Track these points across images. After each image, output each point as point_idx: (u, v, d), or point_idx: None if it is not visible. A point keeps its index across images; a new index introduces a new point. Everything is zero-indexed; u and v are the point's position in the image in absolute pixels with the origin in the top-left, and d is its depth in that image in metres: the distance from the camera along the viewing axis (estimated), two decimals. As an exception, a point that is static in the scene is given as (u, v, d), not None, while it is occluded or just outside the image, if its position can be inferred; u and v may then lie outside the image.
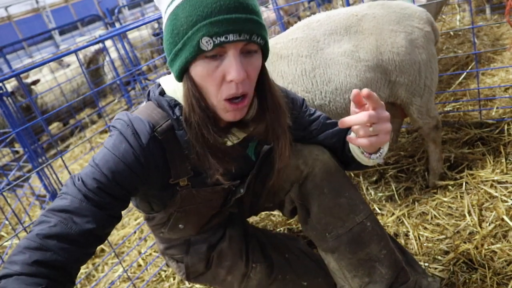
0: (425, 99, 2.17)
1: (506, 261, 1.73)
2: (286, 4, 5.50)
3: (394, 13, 2.08)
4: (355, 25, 2.07)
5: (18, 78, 3.89)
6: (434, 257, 1.89)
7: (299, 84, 2.09)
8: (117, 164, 1.11)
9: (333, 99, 2.08)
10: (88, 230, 1.05)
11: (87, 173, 1.11)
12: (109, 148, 1.14)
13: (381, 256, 1.39)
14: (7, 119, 3.82)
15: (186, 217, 1.43)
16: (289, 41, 2.14)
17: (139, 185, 1.18)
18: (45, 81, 6.21)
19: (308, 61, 2.08)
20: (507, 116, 2.65)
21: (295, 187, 1.44)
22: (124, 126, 1.16)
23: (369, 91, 1.02)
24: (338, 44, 2.07)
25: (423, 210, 2.19)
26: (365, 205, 1.42)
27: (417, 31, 2.07)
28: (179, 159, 1.24)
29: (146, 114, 1.21)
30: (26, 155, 3.97)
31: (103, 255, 2.89)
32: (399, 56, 2.04)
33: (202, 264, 1.54)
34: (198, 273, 1.57)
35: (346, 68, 2.04)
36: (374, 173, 2.60)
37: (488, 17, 4.56)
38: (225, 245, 1.55)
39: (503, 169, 2.24)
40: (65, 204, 1.05)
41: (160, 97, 1.23)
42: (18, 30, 18.16)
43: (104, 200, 1.09)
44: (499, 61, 3.56)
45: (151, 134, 1.17)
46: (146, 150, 1.15)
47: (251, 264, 1.53)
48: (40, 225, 1.02)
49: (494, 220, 1.95)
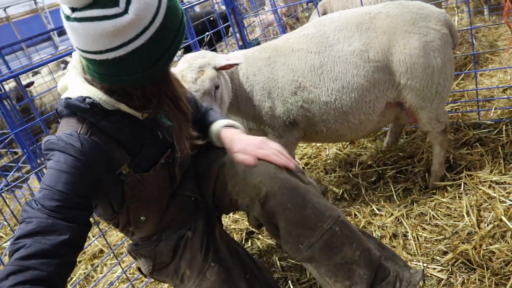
0: (435, 106, 2.09)
1: (505, 261, 1.74)
2: (285, 5, 5.51)
3: (409, 13, 2.00)
4: (367, 22, 2.02)
5: (17, 79, 3.89)
6: (432, 257, 1.90)
7: (307, 79, 2.10)
8: (67, 177, 1.16)
9: (339, 97, 2.07)
10: (63, 241, 1.09)
11: (42, 197, 1.13)
12: (52, 167, 1.18)
13: (356, 257, 1.43)
14: (6, 120, 3.82)
15: (143, 206, 1.48)
16: (301, 37, 2.17)
17: (94, 188, 1.23)
18: (44, 82, 6.19)
19: (316, 57, 2.08)
20: (505, 117, 2.66)
21: (256, 205, 1.48)
22: (55, 143, 1.21)
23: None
24: (348, 41, 2.04)
25: (422, 211, 2.19)
26: (331, 211, 1.47)
27: (433, 33, 1.97)
28: (114, 148, 1.30)
29: (64, 129, 1.27)
30: (25, 156, 3.97)
31: (102, 256, 2.88)
32: (412, 59, 1.96)
33: (170, 254, 1.59)
34: (163, 264, 1.61)
35: (354, 67, 2.01)
36: (373, 173, 2.60)
37: (486, 18, 4.58)
38: (190, 235, 1.60)
39: (501, 169, 2.24)
40: (33, 227, 1.08)
41: (67, 101, 1.27)
42: (17, 31, 18.13)
43: (67, 215, 1.13)
44: (497, 62, 3.57)
45: (79, 137, 1.23)
46: (84, 152, 1.20)
47: (210, 262, 1.56)
48: (16, 252, 1.04)
49: (492, 221, 1.96)
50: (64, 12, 1.07)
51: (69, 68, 1.37)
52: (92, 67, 1.17)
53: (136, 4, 1.04)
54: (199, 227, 1.64)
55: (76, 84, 1.30)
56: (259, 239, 2.41)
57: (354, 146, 3.02)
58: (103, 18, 1.03)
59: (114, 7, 1.03)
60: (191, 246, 1.59)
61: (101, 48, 1.07)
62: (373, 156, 2.78)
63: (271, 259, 2.21)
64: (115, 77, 1.16)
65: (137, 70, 1.13)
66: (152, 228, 1.58)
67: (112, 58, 1.09)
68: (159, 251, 1.59)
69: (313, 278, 1.98)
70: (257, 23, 6.01)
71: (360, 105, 2.11)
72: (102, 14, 1.03)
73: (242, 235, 2.48)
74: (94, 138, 1.25)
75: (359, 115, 2.15)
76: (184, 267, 1.58)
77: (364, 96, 2.08)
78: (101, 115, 1.27)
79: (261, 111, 2.21)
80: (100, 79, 1.20)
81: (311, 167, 2.98)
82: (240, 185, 1.53)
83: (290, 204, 1.44)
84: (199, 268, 1.56)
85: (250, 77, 2.21)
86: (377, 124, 2.25)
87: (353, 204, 2.43)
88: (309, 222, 1.43)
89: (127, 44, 1.07)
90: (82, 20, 1.04)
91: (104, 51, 1.07)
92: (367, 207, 2.36)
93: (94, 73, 1.19)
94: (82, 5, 1.04)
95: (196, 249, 1.58)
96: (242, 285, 1.56)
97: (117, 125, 1.30)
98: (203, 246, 1.59)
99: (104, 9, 1.03)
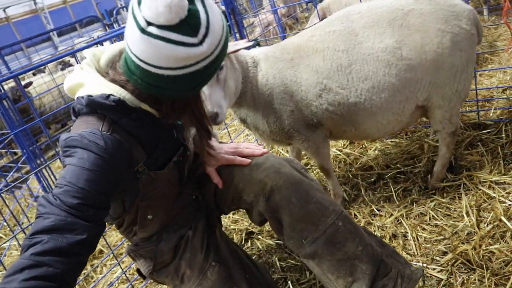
0: (452, 105, 2.07)
1: (504, 262, 1.74)
2: (284, 6, 5.51)
3: (442, 10, 1.95)
4: (400, 19, 1.95)
5: (16, 80, 3.89)
6: (432, 257, 1.90)
7: (334, 79, 2.00)
8: (89, 174, 1.15)
9: (369, 98, 1.99)
10: (80, 240, 1.08)
11: (62, 193, 1.12)
12: (74, 164, 1.16)
13: (358, 252, 1.45)
14: (5, 120, 3.81)
15: (152, 205, 1.49)
16: (325, 34, 2.05)
17: (115, 186, 1.23)
18: (44, 82, 6.20)
19: (344, 56, 1.98)
20: (505, 117, 2.66)
21: (261, 200, 1.51)
22: (78, 140, 1.20)
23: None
24: (379, 38, 1.95)
25: (422, 211, 2.19)
26: (334, 206, 1.50)
27: (463, 32, 1.94)
28: (133, 145, 1.31)
29: (83, 127, 1.26)
30: (25, 157, 3.97)
31: (101, 256, 2.88)
32: (442, 57, 1.93)
33: (170, 254, 1.59)
34: (164, 264, 1.61)
35: (386, 66, 1.94)
36: (373, 174, 2.60)
37: (485, 18, 4.58)
38: (191, 234, 1.61)
39: (501, 170, 2.24)
40: (50, 223, 1.07)
41: (90, 98, 1.26)
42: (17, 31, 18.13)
43: (87, 213, 1.12)
44: (497, 62, 3.57)
45: (102, 135, 1.22)
46: (107, 150, 1.20)
47: (210, 261, 1.56)
48: (32, 247, 1.04)
49: (492, 221, 1.96)
50: (140, 23, 1.08)
51: (83, 66, 1.37)
52: (140, 74, 1.17)
53: (211, 39, 1.11)
54: (199, 226, 1.64)
55: (95, 82, 1.30)
56: (258, 240, 2.41)
57: (354, 146, 3.02)
58: (180, 44, 1.07)
59: (193, 37, 1.08)
60: (192, 246, 1.59)
61: (163, 65, 1.11)
62: (372, 157, 2.78)
63: (271, 260, 2.21)
64: (159, 88, 1.18)
65: (183, 88, 1.19)
66: (156, 227, 1.58)
67: (167, 75, 1.13)
68: (160, 251, 1.59)
69: (313, 279, 1.98)
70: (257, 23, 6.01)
71: (391, 105, 2.03)
72: (180, 40, 1.07)
73: (242, 235, 2.48)
74: (116, 135, 1.25)
75: (388, 116, 2.07)
76: (185, 267, 1.58)
77: (395, 96, 2.00)
78: (123, 112, 1.28)
79: (283, 114, 2.10)
80: (142, 86, 1.21)
81: (311, 167, 2.98)
82: (244, 181, 1.56)
83: (295, 198, 1.46)
84: (199, 268, 1.56)
85: (270, 79, 2.08)
86: (405, 124, 2.21)
87: (353, 205, 2.43)
88: (313, 217, 1.46)
89: (187, 68, 1.12)
90: (158, 38, 1.07)
91: (164, 68, 1.12)
92: (367, 208, 2.36)
93: (137, 79, 1.19)
94: (166, 24, 1.06)
95: (197, 249, 1.59)
96: (242, 284, 1.56)
97: (138, 123, 1.31)
98: (204, 245, 1.60)
99: (183, 36, 1.07)
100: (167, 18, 1.05)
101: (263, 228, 2.48)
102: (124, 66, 1.24)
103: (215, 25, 1.12)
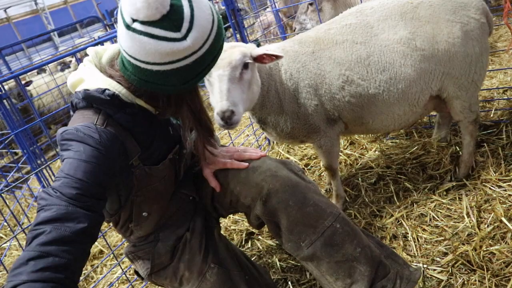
0: (469, 95, 2.11)
1: (505, 263, 1.73)
2: (285, 6, 5.52)
3: (450, 1, 2.02)
4: (411, 11, 2.02)
5: (17, 80, 3.89)
6: (432, 258, 1.89)
7: (355, 71, 2.04)
8: (86, 166, 1.17)
9: (387, 89, 2.04)
10: (82, 228, 1.10)
11: (61, 185, 1.14)
12: (71, 157, 1.19)
13: (357, 254, 1.45)
14: (6, 120, 3.82)
15: (147, 201, 1.50)
16: (342, 27, 2.10)
17: (111, 177, 1.25)
18: (44, 82, 6.20)
19: (363, 47, 2.03)
20: (505, 118, 2.66)
21: (258, 204, 1.51)
22: (74, 133, 1.22)
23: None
24: (394, 30, 2.02)
25: (422, 212, 2.19)
26: (332, 208, 1.50)
27: (473, 22, 2.00)
28: (127, 139, 1.34)
29: (79, 121, 1.29)
30: (25, 157, 3.97)
31: (101, 256, 2.88)
32: (454, 48, 1.98)
33: (168, 255, 1.60)
34: (162, 265, 1.61)
35: (402, 56, 1.99)
36: (373, 175, 2.60)
37: (486, 19, 4.57)
38: (189, 236, 1.61)
39: (502, 171, 2.24)
40: (52, 214, 1.08)
41: (86, 92, 1.29)
42: (17, 32, 18.15)
43: (87, 203, 1.14)
44: (497, 63, 3.57)
45: (97, 128, 1.25)
46: (102, 142, 1.22)
47: (209, 263, 1.56)
48: (36, 238, 1.05)
49: (492, 222, 1.95)
50: (125, 20, 1.11)
51: (85, 62, 1.40)
52: (132, 69, 1.20)
53: (195, 33, 1.11)
54: (197, 228, 1.64)
55: (95, 77, 1.33)
56: (259, 240, 2.41)
57: (354, 147, 3.01)
58: (163, 39, 1.09)
59: (176, 32, 1.09)
60: (190, 248, 1.59)
61: (149, 60, 1.13)
62: (373, 157, 2.78)
63: (271, 260, 2.21)
64: (151, 83, 1.21)
65: (174, 83, 1.20)
66: (152, 226, 1.58)
67: (155, 70, 1.15)
68: (157, 252, 1.59)
69: (313, 279, 1.97)
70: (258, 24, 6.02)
71: (407, 96, 2.08)
72: (163, 35, 1.09)
73: (242, 236, 2.48)
74: (110, 129, 1.28)
75: (404, 107, 2.12)
76: (183, 269, 1.58)
77: (411, 87, 2.06)
78: (118, 107, 1.30)
79: (307, 109, 2.09)
80: (135, 82, 1.24)
81: (311, 168, 2.98)
82: (241, 185, 1.55)
83: (292, 201, 1.46)
84: (198, 270, 1.56)
85: (294, 74, 2.08)
86: (419, 116, 2.25)
87: (353, 205, 2.43)
88: (310, 219, 1.46)
89: (174, 63, 1.13)
90: (142, 34, 1.09)
91: (151, 63, 1.14)
92: (367, 208, 2.36)
93: (131, 75, 1.23)
94: (147, 20, 1.08)
95: (195, 251, 1.58)
96: (242, 285, 1.56)
97: (132, 118, 1.33)
98: (202, 247, 1.60)
99: (166, 31, 1.09)
100: (146, 14, 1.06)
101: (263, 229, 2.48)
102: (120, 62, 1.28)
103: (200, 20, 1.12)
